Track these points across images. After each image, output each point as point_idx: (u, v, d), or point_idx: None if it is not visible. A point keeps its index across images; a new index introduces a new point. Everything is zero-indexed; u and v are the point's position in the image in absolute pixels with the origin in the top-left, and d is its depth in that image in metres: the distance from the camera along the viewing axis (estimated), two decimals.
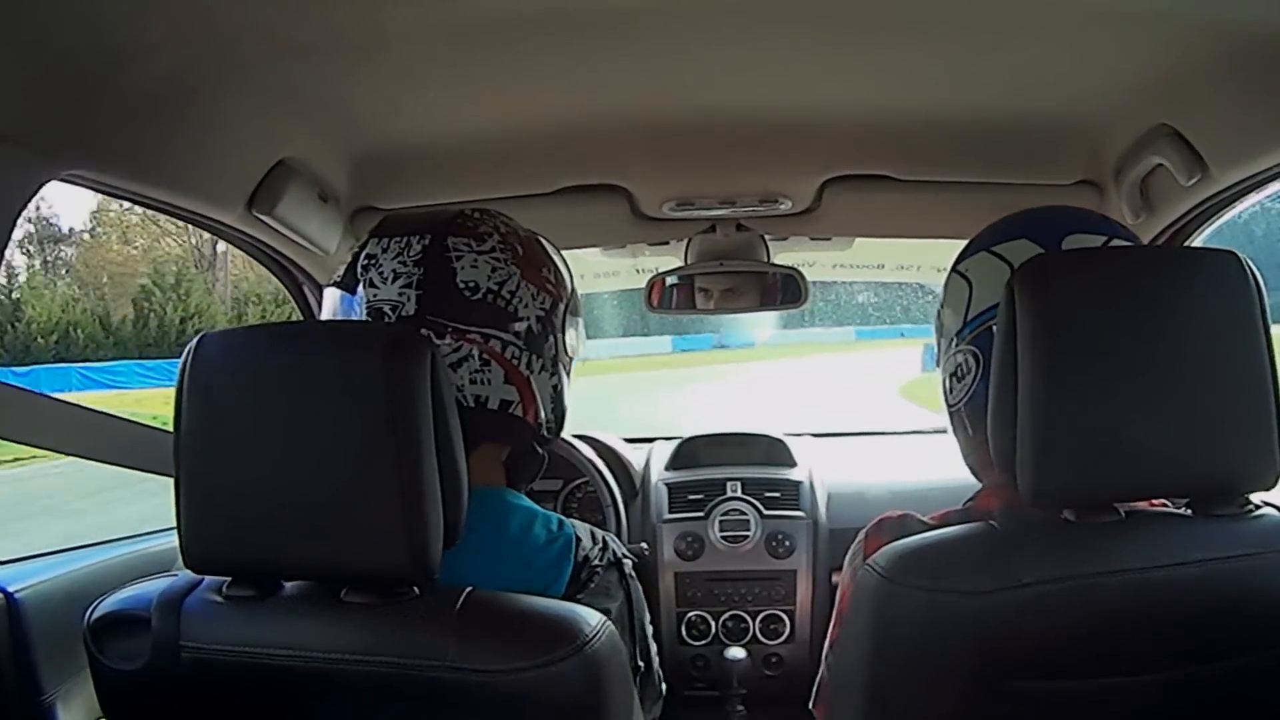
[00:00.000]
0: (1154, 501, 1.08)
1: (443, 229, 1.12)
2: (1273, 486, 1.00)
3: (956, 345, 1.18)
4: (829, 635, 1.24)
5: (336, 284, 1.13)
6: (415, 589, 0.94)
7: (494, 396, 1.11)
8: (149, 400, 14.87)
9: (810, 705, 1.27)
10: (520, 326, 1.12)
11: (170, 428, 0.98)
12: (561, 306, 1.18)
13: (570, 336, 1.21)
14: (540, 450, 1.20)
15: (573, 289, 1.22)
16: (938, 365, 1.25)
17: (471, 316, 1.09)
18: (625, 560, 1.16)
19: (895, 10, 1.25)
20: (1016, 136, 1.65)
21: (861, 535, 1.19)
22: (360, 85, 1.42)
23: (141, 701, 0.99)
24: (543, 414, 1.17)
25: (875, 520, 1.18)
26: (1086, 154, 1.69)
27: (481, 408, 1.10)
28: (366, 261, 1.11)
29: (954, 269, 1.23)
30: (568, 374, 1.21)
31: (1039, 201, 1.70)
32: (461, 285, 1.09)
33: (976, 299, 1.17)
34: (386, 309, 1.08)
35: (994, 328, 1.10)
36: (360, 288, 1.10)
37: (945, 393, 1.23)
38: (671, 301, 2.09)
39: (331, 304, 1.13)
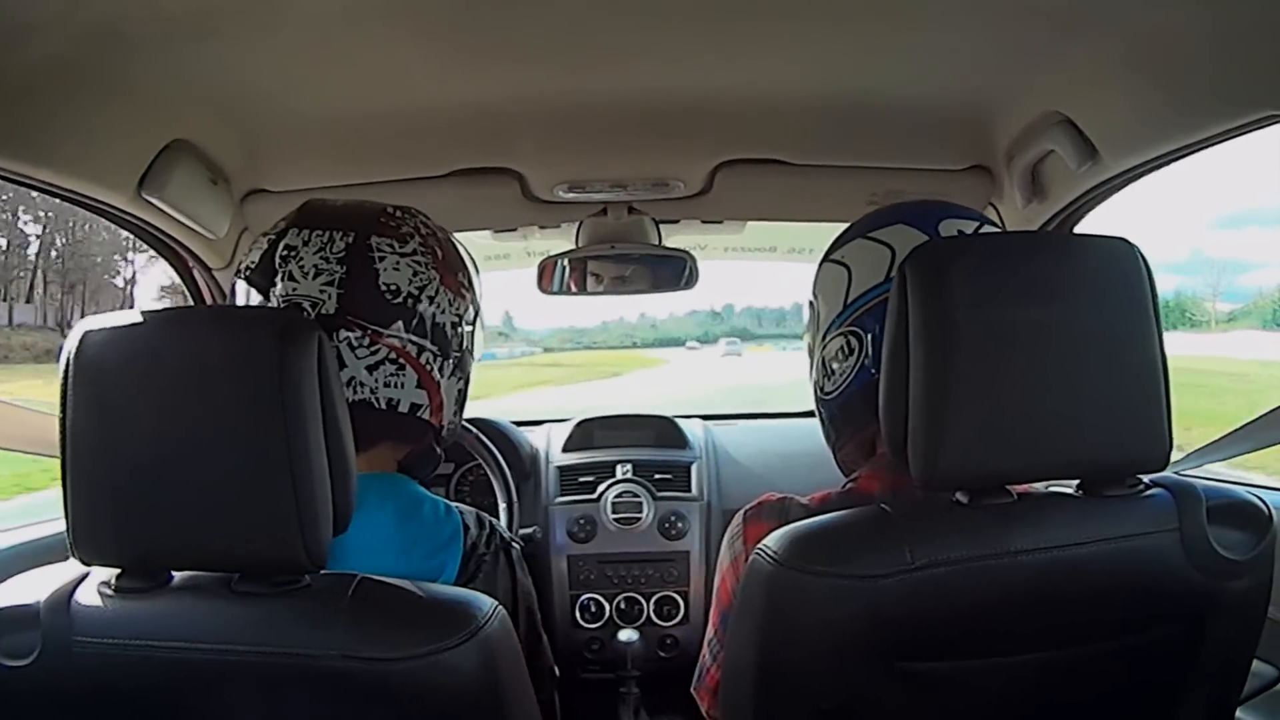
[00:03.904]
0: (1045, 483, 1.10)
1: (367, 227, 1.11)
2: (1163, 468, 1.03)
3: (835, 331, 1.19)
4: (710, 621, 1.25)
5: (248, 279, 1.11)
6: (306, 577, 0.92)
7: (405, 400, 1.11)
8: None
9: (692, 688, 1.28)
10: (436, 331, 1.12)
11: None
12: (473, 311, 1.19)
13: (477, 340, 1.21)
14: (438, 450, 1.20)
15: (481, 292, 1.23)
16: (811, 364, 1.27)
17: (391, 319, 1.09)
18: (513, 545, 1.17)
19: None
20: (909, 122, 1.67)
21: (739, 519, 1.19)
22: (252, 66, 1.39)
23: (34, 698, 0.95)
24: (447, 416, 1.17)
25: (754, 503, 1.19)
26: (978, 139, 1.73)
27: (393, 410, 1.10)
28: (286, 252, 1.09)
29: (827, 260, 1.24)
30: (471, 375, 1.22)
31: (930, 185, 1.74)
32: (383, 287, 1.09)
33: (856, 282, 1.18)
34: (306, 305, 1.07)
35: (875, 308, 1.13)
36: (278, 279, 1.08)
37: (820, 386, 1.24)
38: (563, 284, 2.08)
39: (242, 299, 1.11)
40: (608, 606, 2.17)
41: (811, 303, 1.27)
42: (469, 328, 1.18)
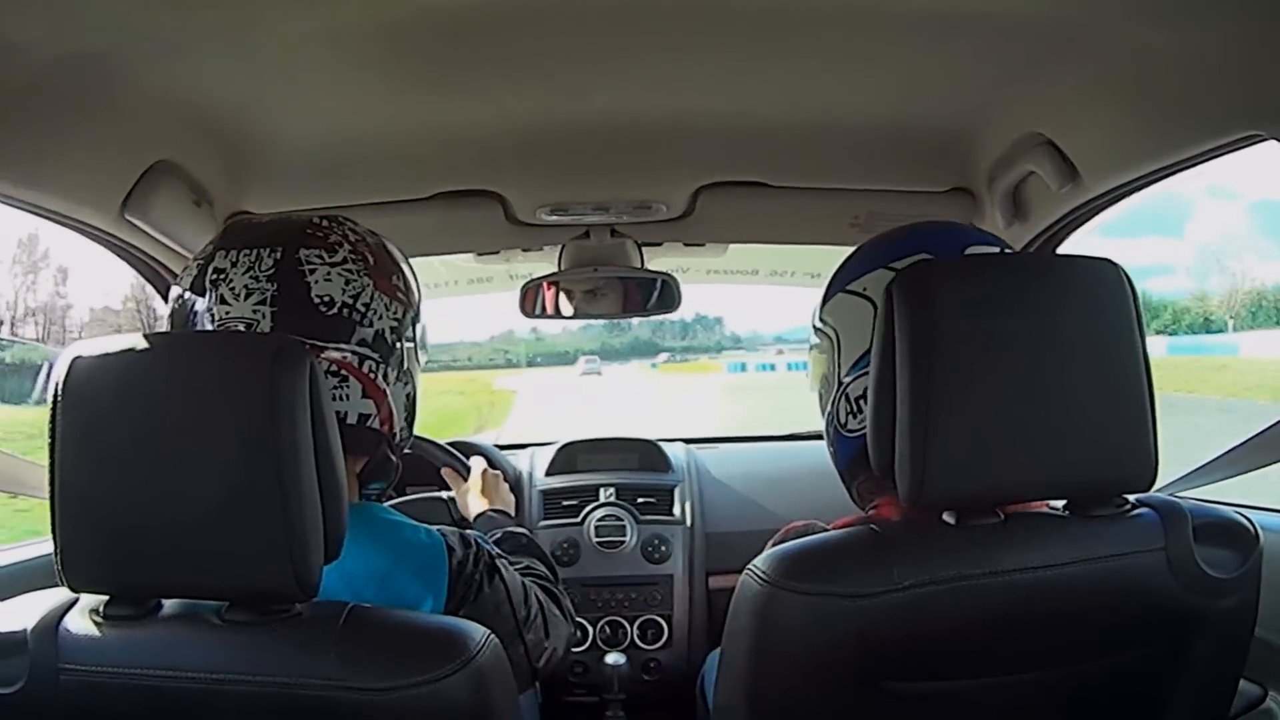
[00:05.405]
0: (1032, 503, 1.10)
1: (294, 240, 1.09)
2: (1149, 487, 1.03)
3: (864, 367, 1.13)
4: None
5: (190, 291, 1.08)
6: (296, 606, 0.91)
7: (353, 411, 1.10)
8: None
9: None
10: (375, 338, 1.11)
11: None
12: (411, 314, 1.17)
13: (420, 343, 1.21)
14: (394, 458, 1.18)
15: (419, 294, 1.21)
16: (825, 394, 1.22)
17: (327, 332, 1.07)
18: (500, 560, 1.15)
19: (768, 18, 1.26)
20: (890, 144, 1.68)
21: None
22: (235, 88, 1.39)
23: None
24: (398, 423, 1.16)
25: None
26: (960, 161, 1.74)
27: (341, 423, 1.07)
28: (215, 276, 1.07)
29: (845, 290, 1.19)
30: (418, 380, 1.21)
31: (912, 208, 1.73)
32: (316, 300, 1.07)
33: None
34: (240, 327, 1.04)
35: None
36: (211, 303, 1.06)
37: (841, 422, 1.18)
38: (545, 307, 2.08)
39: (181, 316, 1.08)
40: (591, 630, 2.16)
41: (823, 331, 1.23)
42: (409, 332, 1.17)
